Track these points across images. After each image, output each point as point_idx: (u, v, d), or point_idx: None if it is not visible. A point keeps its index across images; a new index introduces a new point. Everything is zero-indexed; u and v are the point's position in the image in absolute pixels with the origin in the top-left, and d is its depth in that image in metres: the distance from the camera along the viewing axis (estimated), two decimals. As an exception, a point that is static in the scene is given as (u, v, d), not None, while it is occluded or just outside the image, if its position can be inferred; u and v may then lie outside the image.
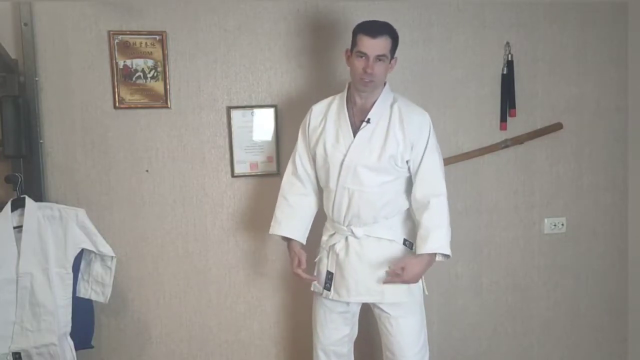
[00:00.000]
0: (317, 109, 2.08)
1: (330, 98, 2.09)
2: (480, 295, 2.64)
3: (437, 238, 1.93)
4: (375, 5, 2.41)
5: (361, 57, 1.89)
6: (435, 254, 1.96)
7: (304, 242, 2.11)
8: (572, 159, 2.63)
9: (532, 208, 2.63)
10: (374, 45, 1.87)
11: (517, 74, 2.51)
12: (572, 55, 2.58)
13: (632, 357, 2.77)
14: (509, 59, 2.50)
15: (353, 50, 1.93)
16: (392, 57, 1.95)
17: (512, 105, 2.51)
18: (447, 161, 2.49)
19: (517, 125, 2.55)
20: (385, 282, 1.97)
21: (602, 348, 2.76)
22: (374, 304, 2.07)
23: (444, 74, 2.50)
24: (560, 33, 2.56)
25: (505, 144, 2.54)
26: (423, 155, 1.97)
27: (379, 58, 1.88)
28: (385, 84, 2.01)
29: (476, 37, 2.50)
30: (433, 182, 1.97)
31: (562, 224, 2.65)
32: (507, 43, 2.51)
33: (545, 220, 2.64)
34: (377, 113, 1.96)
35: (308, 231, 2.12)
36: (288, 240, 2.11)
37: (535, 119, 2.57)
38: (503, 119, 2.53)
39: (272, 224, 2.11)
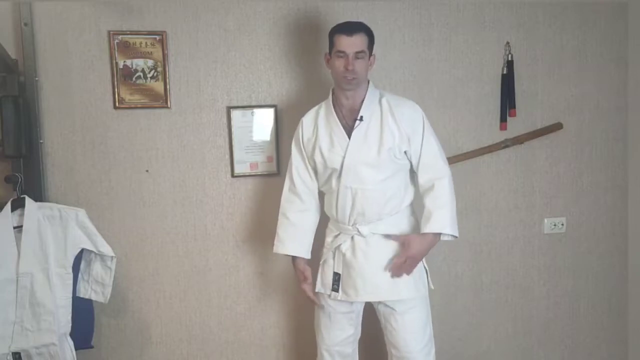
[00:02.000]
0: (307, 120, 2.10)
1: (316, 107, 2.11)
2: (481, 295, 2.64)
3: (439, 218, 1.95)
4: (375, 5, 2.41)
5: (341, 56, 1.92)
6: (439, 234, 1.97)
7: (309, 257, 2.12)
8: (572, 159, 2.63)
9: (532, 208, 2.63)
10: (352, 43, 1.90)
11: (517, 74, 2.51)
12: (572, 55, 2.58)
13: (632, 357, 2.77)
14: (509, 59, 2.50)
15: (332, 52, 1.96)
16: (371, 53, 1.98)
17: (512, 105, 2.51)
18: (447, 161, 2.49)
19: (517, 125, 2.55)
20: (393, 271, 1.97)
21: (602, 348, 2.76)
22: (378, 301, 2.07)
23: (444, 73, 2.50)
24: (560, 33, 2.56)
25: (505, 144, 2.53)
26: (422, 145, 1.99)
27: (357, 55, 1.92)
28: (368, 81, 2.03)
29: (476, 37, 2.50)
30: (435, 166, 2.00)
31: (562, 224, 2.65)
32: (507, 43, 2.51)
33: (545, 220, 2.64)
34: (368, 110, 1.99)
35: (311, 245, 2.13)
36: (293, 257, 2.13)
37: (535, 119, 2.57)
38: (503, 119, 2.53)
39: (275, 242, 2.13)
